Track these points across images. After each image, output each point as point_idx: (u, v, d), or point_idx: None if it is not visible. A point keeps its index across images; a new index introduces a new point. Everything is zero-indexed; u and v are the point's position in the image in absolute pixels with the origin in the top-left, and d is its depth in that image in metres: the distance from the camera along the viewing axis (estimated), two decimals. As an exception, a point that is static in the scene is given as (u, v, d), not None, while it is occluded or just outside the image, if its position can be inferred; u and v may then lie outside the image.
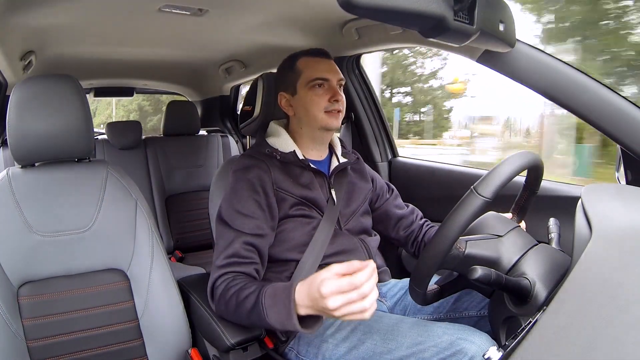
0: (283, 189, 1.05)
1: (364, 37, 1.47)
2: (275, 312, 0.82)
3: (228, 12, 1.34)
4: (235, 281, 0.93)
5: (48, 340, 0.98)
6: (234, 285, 0.93)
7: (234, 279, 0.94)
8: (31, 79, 1.02)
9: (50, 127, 1.01)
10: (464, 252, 0.81)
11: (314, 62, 1.10)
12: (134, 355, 1.04)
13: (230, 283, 0.93)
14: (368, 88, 1.79)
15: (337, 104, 1.08)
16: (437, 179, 1.61)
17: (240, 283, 0.92)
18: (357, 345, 0.93)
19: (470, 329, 0.87)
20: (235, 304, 0.90)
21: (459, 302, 1.04)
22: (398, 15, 0.65)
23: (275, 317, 0.82)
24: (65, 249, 1.03)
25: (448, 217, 0.76)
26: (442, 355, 0.83)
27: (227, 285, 0.93)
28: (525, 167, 0.82)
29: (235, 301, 0.90)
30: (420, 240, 1.22)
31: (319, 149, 1.16)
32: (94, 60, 2.01)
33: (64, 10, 1.26)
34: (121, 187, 1.11)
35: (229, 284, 0.94)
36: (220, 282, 0.95)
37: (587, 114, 1.02)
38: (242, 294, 0.89)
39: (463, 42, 0.80)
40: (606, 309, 0.54)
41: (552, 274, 0.79)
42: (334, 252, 1.07)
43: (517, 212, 0.98)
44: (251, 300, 0.86)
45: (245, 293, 0.89)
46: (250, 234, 0.99)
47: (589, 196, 0.82)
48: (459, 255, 0.81)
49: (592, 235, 0.70)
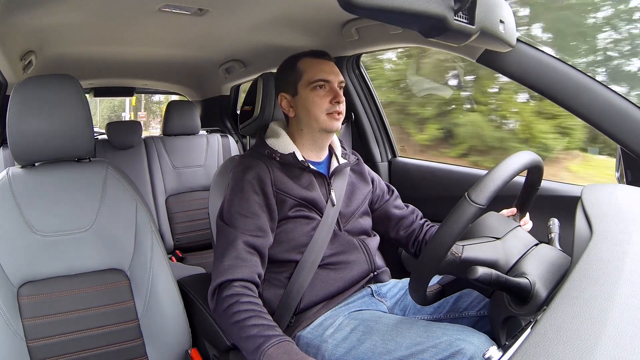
0: (282, 190, 1.05)
1: (364, 37, 1.47)
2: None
3: (228, 12, 1.34)
4: (242, 306, 0.91)
5: (48, 340, 0.98)
6: (239, 310, 0.91)
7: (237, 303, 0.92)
8: (31, 79, 1.02)
9: (50, 127, 1.01)
10: (460, 257, 0.81)
11: (316, 63, 1.10)
12: (134, 355, 1.05)
13: (236, 306, 0.91)
14: (368, 88, 1.79)
15: (338, 106, 1.08)
16: (437, 179, 1.61)
17: (246, 312, 0.90)
18: (356, 346, 0.93)
19: (470, 329, 0.87)
20: (237, 331, 0.89)
21: (459, 302, 1.04)
22: (398, 15, 0.65)
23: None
24: (65, 249, 1.03)
25: (442, 225, 0.76)
26: (441, 355, 0.83)
27: (232, 304, 0.92)
28: (522, 169, 0.81)
29: (237, 328, 0.89)
30: (421, 240, 1.22)
31: (319, 150, 1.16)
32: (94, 60, 2.01)
33: (63, 10, 1.26)
34: (121, 187, 1.11)
35: (235, 302, 0.92)
36: (226, 294, 0.93)
37: (587, 114, 1.02)
38: (244, 330, 0.88)
39: (463, 42, 0.81)
40: (606, 309, 0.54)
41: (552, 274, 0.79)
42: (334, 252, 1.08)
43: (519, 207, 0.98)
44: (251, 345, 0.86)
45: (248, 332, 0.87)
46: (251, 235, 0.99)
47: (589, 196, 0.82)
48: (455, 260, 0.81)
49: (592, 235, 0.70)
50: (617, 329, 0.51)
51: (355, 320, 0.98)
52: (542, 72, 1.04)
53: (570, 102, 1.02)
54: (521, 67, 1.07)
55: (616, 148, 1.07)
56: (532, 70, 1.05)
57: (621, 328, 0.51)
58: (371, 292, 1.11)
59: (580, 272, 0.63)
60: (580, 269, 0.63)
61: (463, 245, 0.82)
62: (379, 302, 1.10)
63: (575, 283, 0.61)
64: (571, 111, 1.04)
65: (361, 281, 1.11)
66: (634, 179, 1.04)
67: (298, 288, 1.03)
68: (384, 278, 1.17)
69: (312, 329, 1.02)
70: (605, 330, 0.51)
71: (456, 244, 0.80)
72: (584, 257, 0.65)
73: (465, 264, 0.81)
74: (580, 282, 0.61)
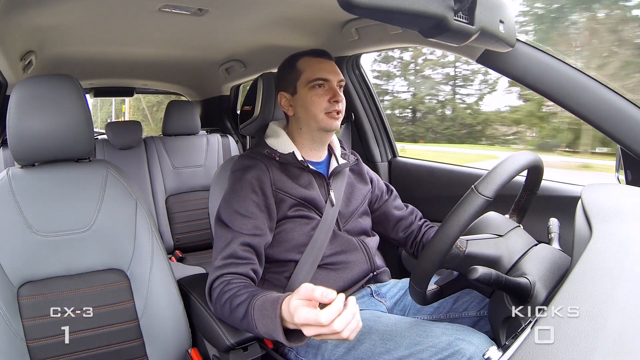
0: (282, 189, 1.06)
1: (364, 37, 1.47)
2: (263, 325, 0.83)
3: (228, 12, 1.34)
4: (230, 286, 0.94)
5: (48, 340, 0.98)
6: (228, 290, 0.93)
7: (229, 284, 0.94)
8: (31, 79, 1.02)
9: (50, 127, 1.01)
10: (464, 251, 0.81)
11: (315, 62, 1.10)
12: (134, 355, 1.04)
13: (225, 287, 0.94)
14: (368, 88, 1.79)
15: (337, 105, 1.08)
16: (437, 179, 1.61)
17: (233, 289, 0.92)
18: (355, 346, 0.93)
19: (469, 329, 0.87)
20: (229, 310, 0.91)
21: (459, 302, 1.04)
22: (398, 15, 0.65)
23: (264, 330, 0.83)
24: (65, 249, 1.03)
25: (449, 216, 0.76)
26: (440, 355, 0.83)
27: (222, 290, 0.94)
28: (526, 167, 0.82)
29: (229, 307, 0.91)
30: (419, 241, 1.22)
31: (318, 149, 1.16)
32: (94, 60, 2.01)
33: (64, 10, 1.26)
34: (121, 187, 1.11)
35: (223, 288, 0.94)
36: (217, 285, 0.96)
37: (587, 114, 1.02)
38: (234, 302, 0.90)
39: (463, 42, 0.80)
40: (606, 309, 0.54)
41: (552, 274, 0.79)
42: (333, 252, 1.08)
43: (517, 213, 0.98)
44: (242, 310, 0.88)
45: (237, 301, 0.89)
46: (248, 235, 0.99)
47: (589, 196, 0.82)
48: (459, 254, 0.81)
49: (592, 235, 0.70)
50: (617, 329, 0.51)
51: None
52: (542, 72, 1.04)
53: (570, 102, 1.02)
54: (521, 67, 1.07)
55: (616, 148, 1.07)
56: (532, 70, 1.05)
57: (621, 328, 0.51)
58: (371, 292, 1.11)
59: (580, 272, 0.63)
60: (580, 269, 0.63)
61: (467, 240, 0.82)
62: (378, 302, 1.10)
63: (575, 283, 0.61)
64: (571, 111, 1.04)
65: (361, 281, 1.11)
66: (634, 179, 1.04)
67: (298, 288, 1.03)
68: (383, 278, 1.17)
69: (312, 329, 1.02)
70: (605, 330, 0.51)
71: (460, 239, 0.80)
72: (584, 257, 0.65)
73: (468, 258, 0.81)
74: (580, 282, 0.61)
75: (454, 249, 0.79)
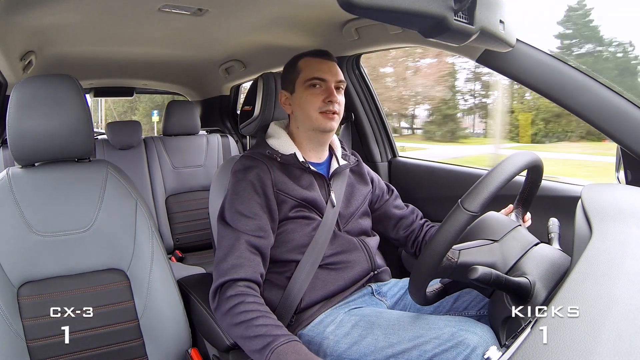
0: (283, 191, 1.06)
1: (364, 37, 1.47)
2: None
3: (228, 12, 1.34)
4: (246, 307, 0.91)
5: (48, 340, 0.98)
6: (244, 311, 0.90)
7: (244, 303, 0.91)
8: (31, 79, 1.02)
9: (50, 127, 1.01)
10: (456, 262, 0.81)
11: (314, 62, 1.10)
12: (134, 355, 1.05)
13: (240, 307, 0.91)
14: (368, 88, 1.79)
15: (331, 105, 1.08)
16: (437, 179, 1.61)
17: (250, 312, 0.90)
18: (358, 341, 0.93)
19: (472, 320, 0.87)
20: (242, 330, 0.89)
21: (459, 302, 1.04)
22: (398, 15, 0.65)
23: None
24: (65, 249, 1.03)
25: (436, 233, 0.76)
26: (444, 347, 0.83)
27: (236, 308, 0.91)
28: (517, 173, 0.80)
29: (243, 328, 0.89)
30: (421, 240, 1.22)
31: (318, 150, 1.16)
32: (94, 60, 2.01)
33: (63, 10, 1.26)
34: (121, 187, 1.11)
35: (238, 305, 0.91)
36: (230, 294, 0.93)
37: (587, 114, 1.02)
38: (251, 330, 0.88)
39: (463, 42, 0.80)
40: (606, 309, 0.54)
41: (552, 274, 0.79)
42: (334, 252, 1.08)
43: (521, 205, 0.98)
44: (258, 343, 0.86)
45: (255, 331, 0.87)
46: (253, 235, 0.99)
47: (589, 196, 0.82)
48: (451, 265, 0.81)
49: (592, 235, 0.70)
50: (617, 329, 0.51)
51: (356, 317, 0.98)
52: (542, 72, 1.04)
53: (570, 102, 1.02)
54: (521, 67, 1.07)
55: (616, 148, 1.07)
56: (532, 70, 1.05)
57: (621, 328, 0.51)
58: (371, 291, 1.11)
59: (580, 272, 0.63)
60: (580, 269, 0.63)
61: (459, 250, 0.82)
62: (379, 301, 1.10)
63: (575, 283, 0.61)
64: (571, 111, 1.04)
65: (361, 280, 1.11)
66: (634, 179, 1.04)
67: (298, 288, 1.03)
68: (384, 277, 1.17)
69: (313, 327, 1.02)
70: (605, 330, 0.51)
71: (452, 249, 0.80)
72: (584, 257, 0.65)
73: (461, 268, 0.81)
74: (580, 282, 0.61)
75: (445, 262, 0.79)
